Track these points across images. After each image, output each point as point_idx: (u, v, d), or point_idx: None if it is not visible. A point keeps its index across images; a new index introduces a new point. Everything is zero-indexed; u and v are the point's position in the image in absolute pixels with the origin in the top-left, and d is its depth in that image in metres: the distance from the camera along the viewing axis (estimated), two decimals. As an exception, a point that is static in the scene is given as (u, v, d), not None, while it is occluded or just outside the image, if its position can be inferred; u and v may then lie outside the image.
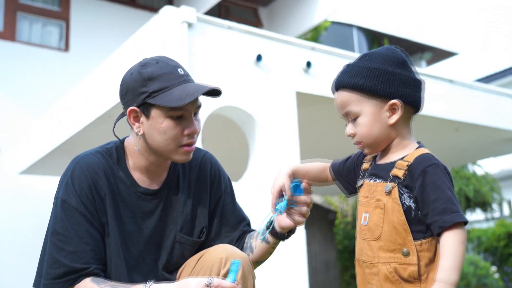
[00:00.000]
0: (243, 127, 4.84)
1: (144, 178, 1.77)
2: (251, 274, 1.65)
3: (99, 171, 1.70)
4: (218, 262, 1.61)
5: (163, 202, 1.78)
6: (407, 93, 1.45)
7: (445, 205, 1.33)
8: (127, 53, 5.01)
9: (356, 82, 1.45)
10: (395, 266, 1.38)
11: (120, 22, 8.75)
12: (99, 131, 5.47)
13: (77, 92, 5.91)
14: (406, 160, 1.42)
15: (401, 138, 1.48)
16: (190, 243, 1.78)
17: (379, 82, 1.43)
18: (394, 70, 1.44)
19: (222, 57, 4.60)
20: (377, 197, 1.44)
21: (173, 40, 4.33)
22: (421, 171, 1.37)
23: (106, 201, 1.69)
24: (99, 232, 1.66)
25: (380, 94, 1.43)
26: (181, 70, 1.68)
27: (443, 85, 6.29)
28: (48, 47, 8.27)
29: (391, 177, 1.42)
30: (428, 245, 1.37)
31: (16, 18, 8.11)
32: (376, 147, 1.50)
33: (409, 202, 1.39)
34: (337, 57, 5.40)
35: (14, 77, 7.78)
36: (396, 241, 1.39)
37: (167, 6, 4.47)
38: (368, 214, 1.45)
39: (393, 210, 1.40)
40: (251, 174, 4.60)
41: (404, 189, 1.40)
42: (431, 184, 1.35)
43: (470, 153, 8.25)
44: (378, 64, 1.45)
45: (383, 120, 1.45)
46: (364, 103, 1.45)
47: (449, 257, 1.31)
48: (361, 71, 1.45)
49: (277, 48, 4.94)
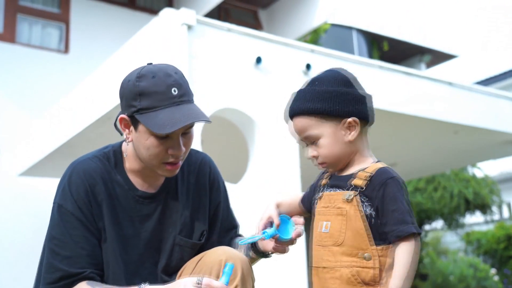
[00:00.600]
0: (242, 129, 4.85)
1: (141, 181, 1.77)
2: (250, 276, 1.66)
3: (96, 176, 1.71)
4: (217, 263, 1.61)
5: (162, 205, 1.78)
6: (361, 109, 1.54)
7: (402, 216, 1.42)
8: (126, 55, 5.01)
9: (312, 107, 1.52)
10: (357, 270, 1.45)
11: (120, 24, 8.76)
12: (99, 132, 5.47)
13: (77, 94, 5.92)
14: (366, 171, 1.50)
15: (360, 152, 1.56)
16: (189, 246, 1.78)
17: (334, 103, 1.51)
18: (345, 90, 1.53)
19: (222, 59, 4.60)
20: (338, 206, 1.51)
21: (173, 42, 4.34)
22: (382, 182, 1.46)
23: (103, 206, 1.69)
24: (96, 237, 1.67)
25: (336, 115, 1.51)
26: (175, 90, 1.62)
27: (442, 87, 6.30)
28: (48, 49, 8.27)
29: (352, 186, 1.50)
30: (387, 251, 1.45)
31: (16, 20, 8.12)
32: (339, 165, 1.57)
33: (369, 210, 1.47)
34: (336, 59, 5.41)
35: (14, 79, 7.79)
36: (358, 246, 1.46)
37: (167, 8, 4.48)
38: (330, 222, 1.51)
39: (355, 217, 1.47)
40: (250, 176, 4.61)
41: (364, 197, 1.48)
42: (390, 196, 1.44)
43: (469, 155, 8.25)
44: (329, 87, 1.53)
45: (342, 138, 1.53)
46: (322, 126, 1.52)
47: (402, 266, 1.40)
48: (315, 96, 1.52)
49: (276, 50, 4.95)
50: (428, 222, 12.15)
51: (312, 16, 9.28)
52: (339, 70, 1.59)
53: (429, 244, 13.77)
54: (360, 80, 1.62)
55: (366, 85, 5.60)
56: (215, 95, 4.44)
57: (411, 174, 9.58)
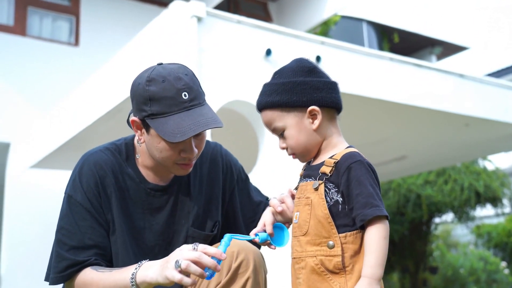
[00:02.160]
0: (252, 121, 4.84)
1: (153, 175, 1.78)
2: (262, 268, 1.66)
3: (107, 168, 1.72)
4: (229, 255, 1.62)
5: (173, 198, 1.79)
6: (322, 97, 1.53)
7: (366, 199, 1.41)
8: (136, 47, 5.02)
9: (272, 100, 1.54)
10: (321, 258, 1.44)
11: (130, 17, 8.77)
12: (109, 125, 5.49)
13: (87, 87, 5.94)
14: (334, 158, 1.50)
15: (328, 140, 1.56)
16: (202, 237, 1.79)
17: (293, 94, 1.52)
18: (304, 79, 1.54)
19: (232, 52, 4.60)
20: (306, 195, 1.51)
21: (182, 34, 4.34)
22: (346, 167, 1.46)
23: (112, 199, 1.71)
24: (104, 229, 1.69)
25: (296, 105, 1.52)
26: (185, 95, 1.62)
27: (453, 79, 6.25)
28: (58, 41, 8.30)
29: (320, 174, 1.50)
30: (353, 238, 1.44)
31: (27, 13, 8.14)
32: (308, 154, 1.57)
33: (336, 196, 1.46)
34: (346, 51, 5.39)
35: (24, 72, 7.82)
36: (321, 234, 1.45)
37: (177, 1, 4.47)
38: (299, 213, 1.52)
39: (318, 205, 1.47)
40: (260, 169, 4.61)
41: (331, 184, 1.48)
42: (355, 179, 1.43)
43: (480, 148, 8.20)
44: (288, 78, 1.55)
45: (307, 127, 1.54)
46: (285, 117, 1.54)
47: (373, 253, 1.38)
48: (275, 89, 1.55)
49: (286, 42, 4.93)
50: (438, 215, 12.10)
51: (322, 8, 9.23)
52: (300, 60, 1.59)
53: (439, 237, 13.73)
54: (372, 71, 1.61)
55: (376, 77, 5.58)
56: (225, 88, 4.44)
57: (421, 167, 9.54)
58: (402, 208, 11.58)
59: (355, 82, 5.27)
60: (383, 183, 11.70)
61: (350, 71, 5.31)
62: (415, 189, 11.35)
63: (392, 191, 11.64)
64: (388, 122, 6.49)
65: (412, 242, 11.89)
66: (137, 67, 5.01)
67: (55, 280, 1.67)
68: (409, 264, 11.80)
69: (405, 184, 11.46)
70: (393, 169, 8.96)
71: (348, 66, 5.32)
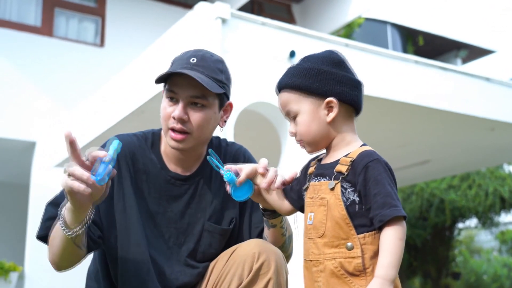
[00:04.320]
0: (275, 123, 4.85)
1: (174, 164, 1.80)
2: (284, 269, 1.65)
3: (128, 149, 1.76)
4: (251, 256, 1.61)
5: (192, 190, 1.80)
6: (343, 91, 1.49)
7: (384, 199, 1.36)
8: (161, 48, 5.06)
9: (293, 82, 1.50)
10: (340, 261, 1.40)
11: (154, 18, 8.84)
12: (132, 126, 5.54)
13: (111, 87, 6.00)
14: (349, 157, 1.45)
15: (342, 137, 1.51)
16: (218, 232, 1.79)
17: (315, 81, 1.49)
18: (330, 70, 1.50)
19: (255, 53, 4.61)
20: (321, 196, 1.46)
21: (207, 36, 4.36)
22: (363, 166, 1.40)
23: (126, 178, 1.73)
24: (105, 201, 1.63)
25: (316, 93, 1.48)
26: (193, 59, 1.70)
27: (479, 83, 6.18)
28: (84, 42, 8.41)
29: (335, 173, 1.45)
30: (371, 239, 1.39)
31: (54, 14, 8.27)
32: (316, 145, 1.53)
33: (353, 196, 1.42)
34: (371, 54, 5.36)
35: (50, 72, 7.94)
36: (339, 236, 1.41)
37: (201, 2, 4.50)
38: (313, 214, 1.47)
39: (335, 206, 1.42)
40: (282, 170, 4.60)
41: (347, 183, 1.43)
42: (372, 178, 1.39)
43: (506, 153, 8.08)
44: (314, 65, 1.51)
45: (321, 118, 1.49)
46: (302, 102, 1.50)
47: (387, 253, 1.34)
48: (298, 72, 1.51)
49: (310, 44, 4.92)
50: (461, 220, 11.96)
51: (346, 10, 9.20)
52: (331, 51, 1.56)
53: (462, 243, 13.57)
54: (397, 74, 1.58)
55: (401, 80, 5.53)
56: (249, 89, 4.45)
57: (444, 172, 9.44)
58: (424, 212, 11.47)
59: (380, 85, 5.23)
60: (406, 187, 11.60)
61: (375, 74, 5.27)
62: (438, 194, 11.24)
63: (415, 195, 11.54)
64: (412, 125, 6.43)
65: (435, 247, 11.77)
66: (161, 68, 5.05)
67: (38, 231, 1.71)
68: (431, 270, 11.68)
69: (428, 188, 11.35)
70: (416, 173, 8.88)
71: (373, 69, 5.29)
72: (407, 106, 5.52)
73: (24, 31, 7.96)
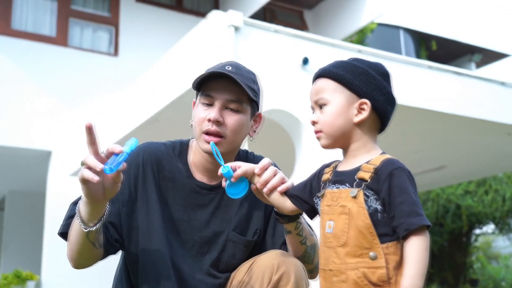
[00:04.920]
0: (289, 130, 4.84)
1: (201, 174, 1.82)
2: (304, 281, 1.64)
3: (155, 155, 1.79)
4: (270, 268, 1.61)
5: (218, 199, 1.80)
6: (379, 100, 1.49)
7: (411, 208, 1.34)
8: (174, 57, 5.08)
9: (336, 72, 1.50)
10: (364, 271, 1.37)
11: (167, 27, 8.89)
12: (147, 134, 5.56)
13: (126, 96, 6.04)
14: (372, 163, 1.42)
15: (363, 143, 1.49)
16: (243, 243, 1.79)
17: (357, 78, 1.48)
18: (375, 75, 1.50)
19: (269, 61, 4.61)
20: (341, 204, 1.43)
21: (220, 44, 4.37)
22: (387, 174, 1.38)
23: (150, 184, 1.76)
24: (127, 206, 1.73)
25: (354, 89, 1.48)
26: (228, 67, 1.73)
27: (494, 87, 6.13)
28: (98, 51, 8.48)
29: (357, 180, 1.42)
30: (394, 248, 1.37)
31: (68, 24, 8.35)
32: (333, 140, 1.51)
33: (375, 204, 1.39)
34: (384, 59, 5.34)
35: (65, 81, 8.01)
36: (362, 245, 1.38)
37: (215, 11, 4.52)
38: (333, 222, 1.44)
39: (358, 214, 1.39)
40: (297, 178, 4.59)
41: (370, 191, 1.40)
42: (398, 186, 1.37)
43: (522, 157, 8.00)
44: (362, 65, 1.51)
45: (349, 116, 1.47)
46: (337, 93, 1.49)
47: (414, 263, 1.32)
48: (345, 65, 1.52)
49: (324, 51, 4.92)
50: (478, 226, 11.84)
51: (358, 16, 9.18)
52: (381, 64, 1.57)
53: (479, 249, 13.42)
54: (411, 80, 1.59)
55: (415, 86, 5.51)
56: (262, 97, 4.45)
57: (460, 177, 9.35)
58: (441, 218, 11.38)
59: (394, 91, 5.21)
60: (422, 193, 11.51)
61: (388, 80, 5.25)
62: (454, 200, 11.14)
63: (431, 201, 11.45)
64: (428, 131, 6.39)
65: (452, 253, 11.66)
66: (175, 77, 5.08)
67: (60, 228, 1.73)
68: (448, 276, 11.57)
69: (444, 194, 11.26)
70: (432, 179, 8.81)
71: (386, 75, 5.27)
72: (421, 112, 5.49)
73: (39, 41, 8.05)
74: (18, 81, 7.75)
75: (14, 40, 7.89)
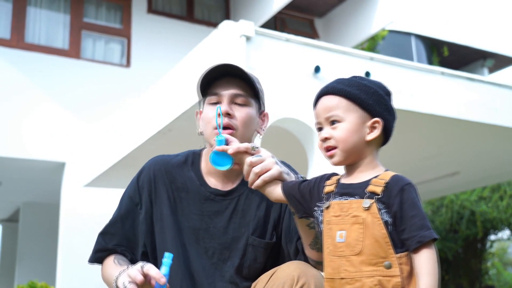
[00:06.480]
0: (301, 139, 4.84)
1: (215, 181, 1.84)
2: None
3: (166, 168, 1.84)
4: (290, 279, 1.60)
5: (234, 204, 1.82)
6: (389, 119, 1.56)
7: (422, 221, 1.42)
8: (186, 67, 5.11)
9: (350, 91, 1.54)
10: (379, 279, 1.42)
11: (179, 37, 8.94)
12: (159, 144, 5.58)
13: (138, 106, 6.07)
14: (381, 178, 1.48)
15: (371, 159, 1.55)
16: (262, 246, 1.80)
17: (371, 98, 1.53)
18: (384, 96, 1.56)
19: (280, 70, 4.62)
20: (353, 214, 1.48)
21: (232, 53, 4.39)
22: (399, 189, 1.45)
23: (163, 197, 1.80)
24: (146, 224, 1.80)
25: (368, 109, 1.53)
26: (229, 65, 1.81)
27: (507, 93, 6.09)
28: (110, 63, 8.54)
29: (368, 194, 1.47)
30: (406, 259, 1.43)
31: (81, 37, 8.43)
32: (346, 156, 1.54)
33: (386, 217, 1.45)
34: (396, 66, 5.33)
35: (78, 93, 8.08)
36: (378, 254, 1.43)
37: (226, 21, 4.54)
38: (345, 231, 1.48)
39: (373, 225, 1.45)
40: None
41: (381, 204, 1.45)
42: (410, 201, 1.44)
43: (537, 163, 7.93)
44: (371, 85, 1.56)
45: (362, 133, 1.53)
46: (351, 112, 1.53)
47: (429, 275, 1.38)
48: (356, 85, 1.56)
49: (335, 59, 4.92)
50: (493, 232, 11.72)
51: (369, 23, 9.18)
52: (381, 82, 1.62)
53: (495, 255, 13.28)
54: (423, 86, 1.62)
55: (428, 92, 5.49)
56: (274, 105, 4.46)
57: (474, 183, 9.28)
58: (455, 225, 11.28)
59: (406, 97, 5.19)
60: (436, 199, 11.43)
61: (401, 87, 5.24)
62: (468, 206, 11.05)
63: (445, 207, 11.36)
64: (441, 137, 6.36)
65: (467, 260, 11.55)
66: (186, 87, 5.10)
67: (90, 258, 1.87)
68: (463, 283, 11.45)
69: (458, 200, 11.17)
70: (446, 185, 8.75)
71: (398, 82, 5.26)
72: (435, 118, 5.46)
73: (52, 54, 8.13)
74: (31, 94, 7.83)
75: (27, 53, 7.98)
